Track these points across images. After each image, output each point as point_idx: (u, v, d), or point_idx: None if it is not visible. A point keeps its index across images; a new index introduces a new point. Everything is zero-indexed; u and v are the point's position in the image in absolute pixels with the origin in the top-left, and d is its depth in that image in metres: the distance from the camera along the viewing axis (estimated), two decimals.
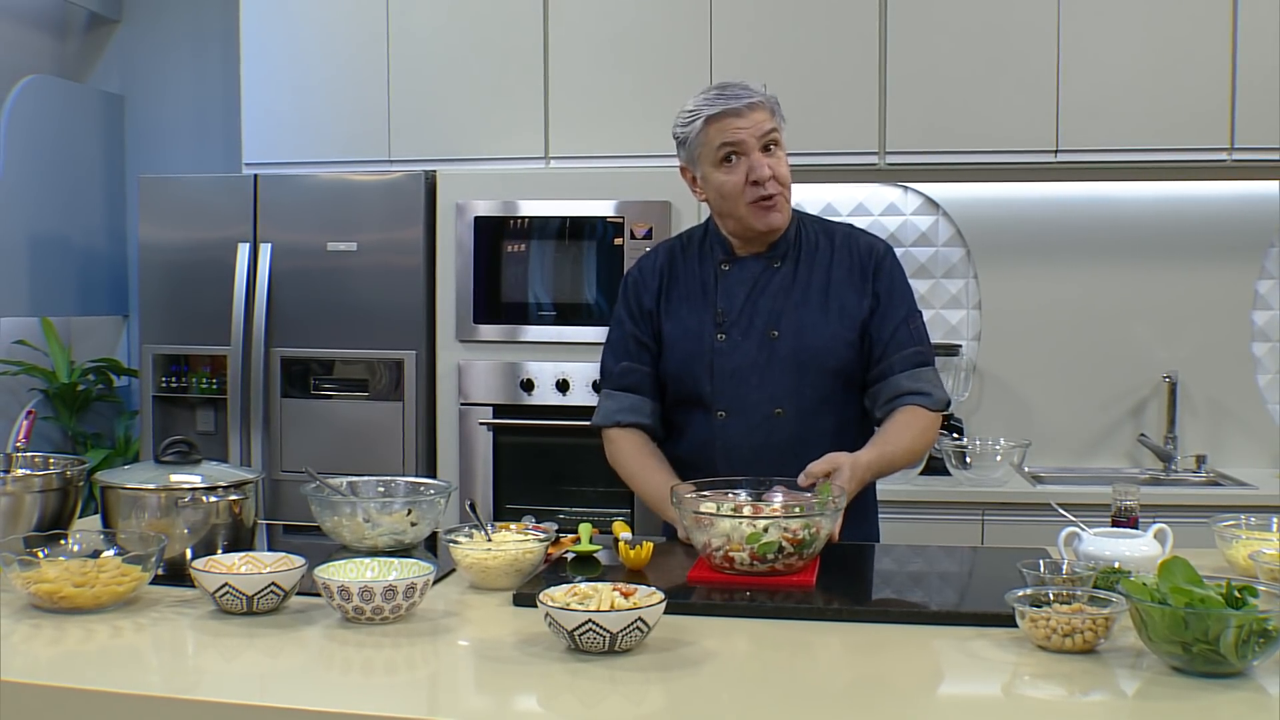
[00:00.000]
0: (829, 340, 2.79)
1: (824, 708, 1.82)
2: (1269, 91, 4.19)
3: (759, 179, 2.72)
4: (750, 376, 2.78)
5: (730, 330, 2.80)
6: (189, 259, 4.44)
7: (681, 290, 2.88)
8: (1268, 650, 1.88)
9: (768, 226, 2.78)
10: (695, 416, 2.85)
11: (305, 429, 4.40)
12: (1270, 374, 4.69)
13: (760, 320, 2.80)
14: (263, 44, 4.68)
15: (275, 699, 1.81)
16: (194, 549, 2.46)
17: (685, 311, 2.86)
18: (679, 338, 2.85)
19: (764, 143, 2.75)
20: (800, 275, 2.83)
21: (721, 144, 2.74)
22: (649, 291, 2.91)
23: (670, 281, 2.90)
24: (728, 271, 2.85)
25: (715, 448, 2.81)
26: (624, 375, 2.91)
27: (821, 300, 2.81)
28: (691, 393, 2.83)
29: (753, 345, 2.79)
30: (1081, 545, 2.50)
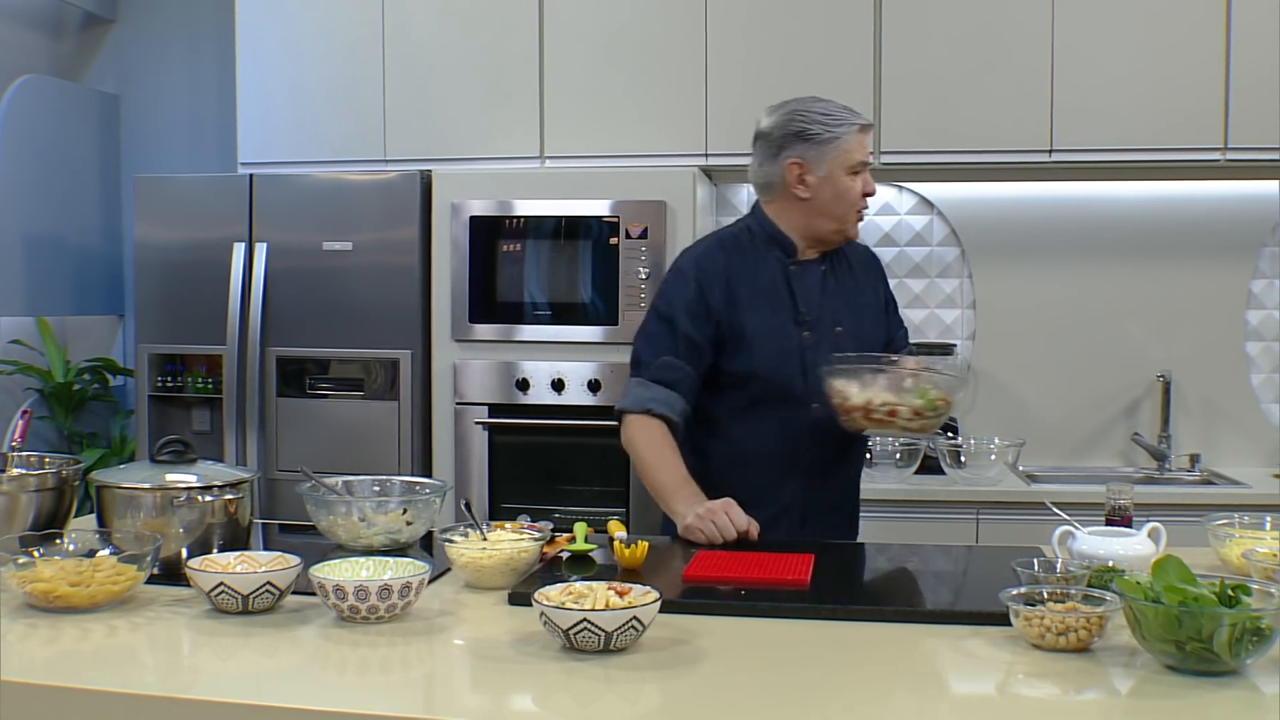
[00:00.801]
0: (872, 334, 3.04)
1: (818, 706, 1.83)
2: (1263, 91, 4.20)
3: (869, 193, 2.97)
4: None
5: (812, 329, 2.95)
6: (184, 258, 4.44)
7: (750, 289, 2.95)
8: (1261, 649, 1.88)
9: (855, 235, 3.04)
10: (784, 411, 2.92)
11: (301, 428, 4.40)
12: (1264, 373, 4.70)
13: (828, 319, 2.97)
14: (258, 43, 4.68)
15: (271, 698, 1.82)
16: (189, 548, 2.46)
17: (765, 310, 2.94)
18: (765, 336, 2.92)
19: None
20: (841, 279, 3.04)
21: (859, 157, 2.93)
22: (715, 293, 2.94)
23: (731, 277, 2.95)
24: (797, 273, 2.98)
25: (808, 438, 2.92)
26: (664, 369, 2.93)
27: (860, 300, 3.06)
28: (782, 388, 2.92)
29: (829, 342, 2.94)
30: (1075, 544, 2.51)
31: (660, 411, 2.91)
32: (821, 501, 3.00)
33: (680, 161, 4.35)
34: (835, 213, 2.94)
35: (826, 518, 3.01)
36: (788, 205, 2.98)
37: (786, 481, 2.96)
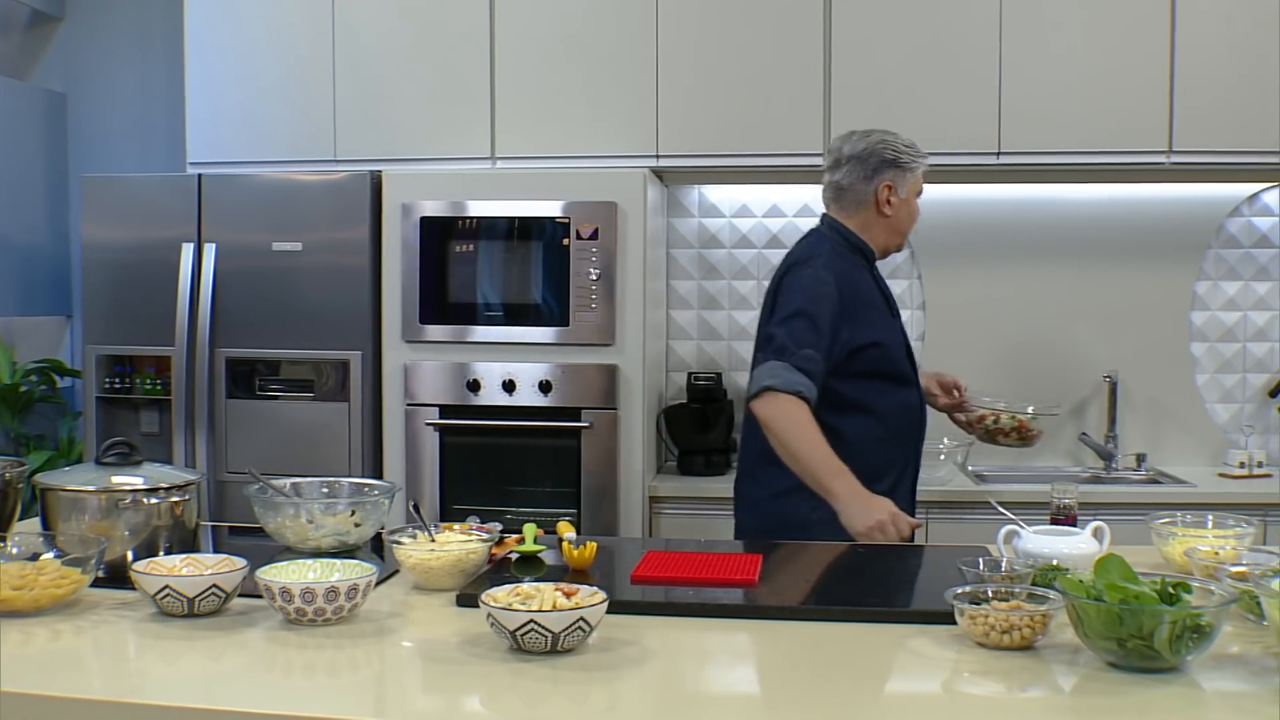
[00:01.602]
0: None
1: (765, 706, 1.84)
2: (1207, 96, 4.25)
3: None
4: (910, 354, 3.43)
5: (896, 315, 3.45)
6: (133, 259, 4.40)
7: (865, 295, 3.33)
8: (1201, 646, 1.91)
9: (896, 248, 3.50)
10: (903, 392, 3.35)
11: (251, 430, 4.38)
12: (1208, 374, 4.76)
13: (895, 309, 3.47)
14: (207, 42, 4.64)
15: (218, 702, 1.81)
16: (135, 551, 2.45)
17: (880, 307, 3.37)
18: (887, 329, 3.34)
19: None
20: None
21: (922, 186, 3.45)
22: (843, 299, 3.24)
23: (855, 287, 3.30)
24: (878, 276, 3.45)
25: (917, 416, 3.41)
26: (805, 360, 3.14)
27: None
28: (901, 374, 3.35)
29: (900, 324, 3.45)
30: (1021, 543, 2.53)
31: (807, 396, 3.11)
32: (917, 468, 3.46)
33: (631, 163, 4.35)
34: (904, 229, 3.43)
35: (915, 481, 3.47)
36: (871, 219, 3.38)
37: (907, 453, 3.38)
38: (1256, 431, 4.65)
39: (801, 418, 3.08)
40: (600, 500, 4.23)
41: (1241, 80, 4.25)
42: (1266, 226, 4.71)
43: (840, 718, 1.80)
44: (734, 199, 4.85)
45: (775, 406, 3.10)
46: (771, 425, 3.11)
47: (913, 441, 3.41)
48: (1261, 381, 4.75)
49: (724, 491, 4.24)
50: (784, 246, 4.81)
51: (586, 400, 4.22)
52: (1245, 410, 4.75)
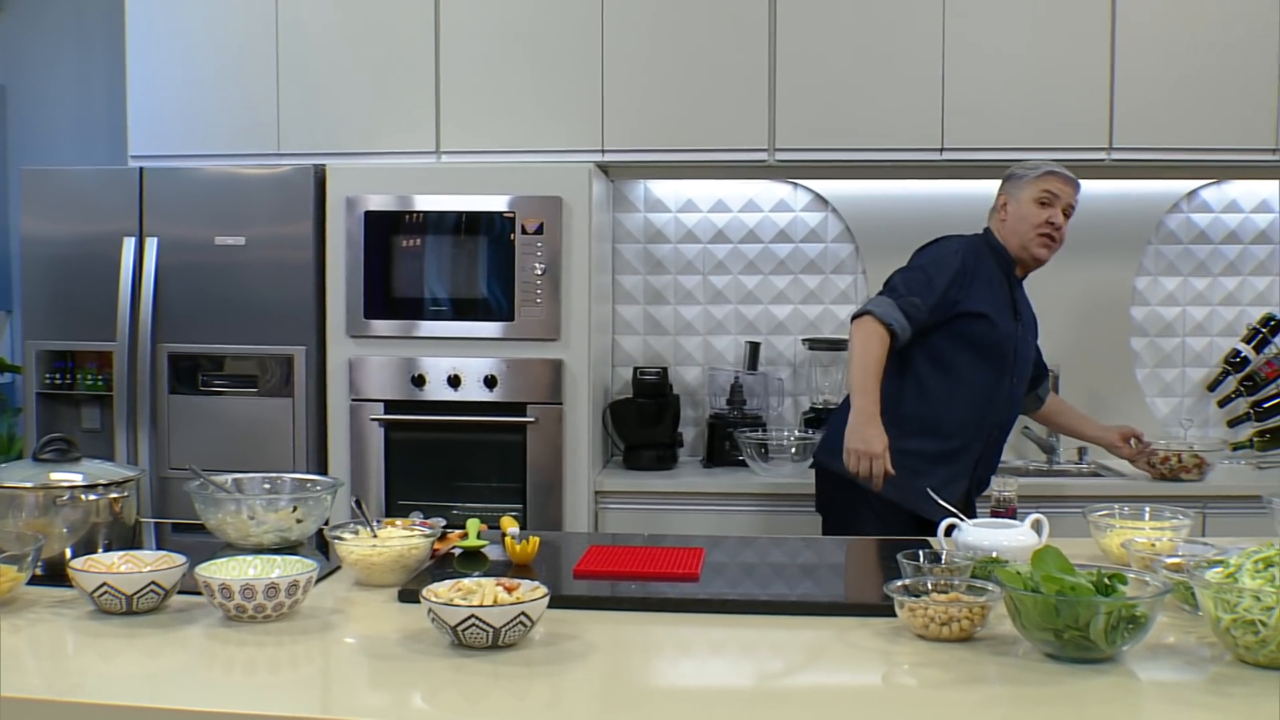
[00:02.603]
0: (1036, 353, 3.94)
1: (706, 699, 1.84)
2: (1146, 93, 4.30)
3: (1054, 222, 3.68)
4: (1024, 360, 3.77)
5: (1020, 326, 3.72)
6: (73, 253, 4.35)
7: (990, 284, 3.66)
8: (1137, 636, 1.93)
9: (1038, 257, 3.71)
10: (998, 377, 3.66)
11: (194, 426, 4.34)
12: (1148, 368, 4.81)
13: (1026, 324, 3.77)
14: (149, 34, 4.59)
15: (158, 700, 1.80)
16: (74, 548, 2.43)
17: (1001, 301, 3.67)
18: (1001, 320, 3.64)
19: (1066, 209, 3.71)
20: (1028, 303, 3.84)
21: (1045, 190, 3.68)
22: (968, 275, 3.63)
23: (981, 273, 3.66)
24: (1016, 285, 3.76)
25: (1003, 400, 3.70)
26: (910, 305, 3.56)
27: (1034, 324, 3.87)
28: (998, 358, 3.65)
29: (1026, 341, 3.76)
30: (961, 536, 2.55)
31: (889, 324, 3.52)
32: (987, 454, 3.72)
33: (577, 158, 4.35)
34: (1019, 230, 3.68)
35: (984, 470, 3.74)
36: (996, 225, 3.76)
37: (979, 429, 3.66)
38: (1195, 425, 4.71)
39: (875, 345, 3.51)
40: (546, 495, 4.22)
41: (1181, 79, 4.30)
42: (1205, 223, 4.77)
43: (780, 711, 1.81)
44: (679, 194, 4.85)
45: (867, 328, 3.53)
46: (854, 339, 3.55)
47: (988, 422, 3.67)
48: (1200, 376, 4.81)
49: (670, 486, 4.26)
50: (729, 241, 4.84)
51: (532, 395, 4.21)
52: (1185, 404, 4.81)
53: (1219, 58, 4.30)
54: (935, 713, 1.81)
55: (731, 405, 4.60)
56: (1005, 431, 3.81)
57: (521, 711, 1.81)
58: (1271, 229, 4.76)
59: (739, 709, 1.81)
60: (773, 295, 4.84)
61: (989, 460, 3.77)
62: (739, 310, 4.86)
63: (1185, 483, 4.20)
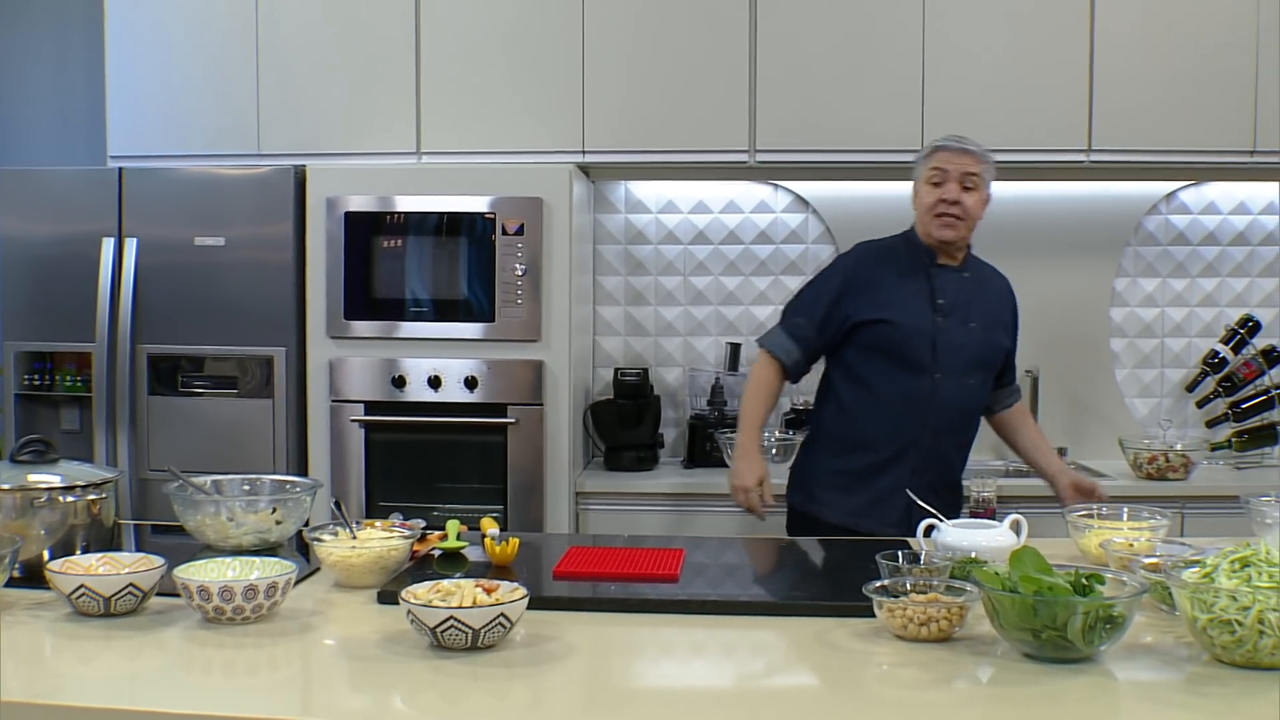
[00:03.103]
0: (998, 340, 3.65)
1: (686, 700, 1.85)
2: (1125, 95, 4.32)
3: (947, 198, 3.49)
4: (959, 352, 3.52)
5: (948, 317, 3.52)
6: (52, 253, 4.33)
7: (894, 284, 3.55)
8: (1115, 636, 1.94)
9: (940, 237, 3.52)
10: (909, 375, 3.50)
11: (174, 427, 4.32)
12: (1127, 369, 4.83)
13: (962, 313, 3.55)
14: (128, 34, 4.58)
15: (137, 702, 1.79)
16: (52, 550, 2.42)
17: (908, 297, 3.53)
18: (905, 319, 3.51)
19: (963, 180, 3.50)
20: (981, 290, 3.63)
21: (933, 168, 3.53)
22: (852, 283, 3.57)
23: (878, 276, 3.57)
24: (938, 275, 3.56)
25: (931, 401, 3.50)
26: (796, 326, 3.60)
27: (994, 311, 3.65)
28: (910, 359, 3.50)
29: (961, 331, 3.53)
30: (940, 536, 2.56)
31: (777, 354, 3.59)
32: (932, 460, 3.52)
33: (557, 158, 4.35)
34: (920, 216, 3.56)
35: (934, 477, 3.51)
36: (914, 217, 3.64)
37: (906, 436, 3.50)
38: (1174, 426, 4.73)
39: (759, 374, 3.61)
40: (527, 496, 4.22)
41: (1159, 81, 4.32)
42: (1184, 224, 4.79)
43: (760, 711, 1.81)
44: (660, 195, 4.86)
45: (758, 361, 3.64)
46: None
47: (919, 427, 3.51)
48: (1179, 376, 4.83)
49: (651, 487, 4.26)
50: (710, 242, 4.84)
51: (513, 396, 4.21)
52: (1164, 405, 4.83)
53: (1197, 60, 4.32)
54: (913, 713, 1.82)
55: (712, 406, 4.60)
56: (955, 432, 3.61)
57: (501, 713, 1.81)
58: (1249, 231, 4.79)
59: (718, 710, 1.81)
60: (753, 296, 4.85)
61: (942, 465, 3.59)
62: (720, 311, 4.86)
63: (1169, 482, 4.22)
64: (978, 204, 3.55)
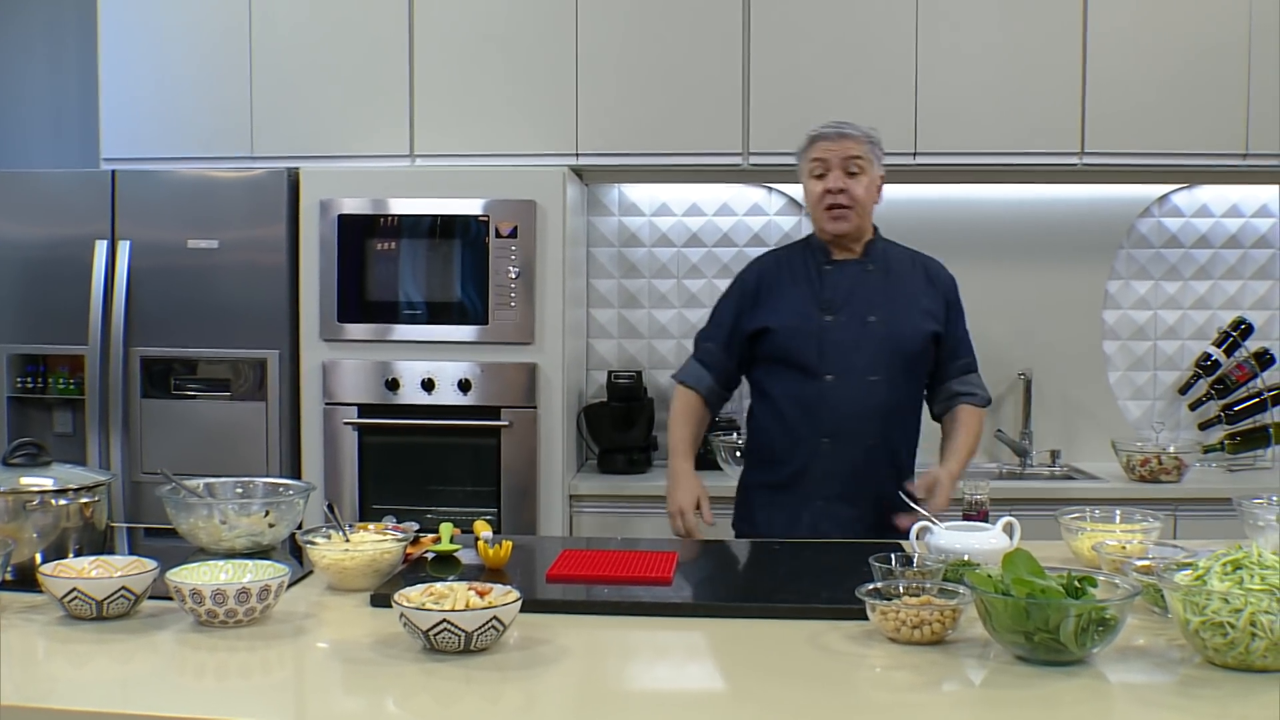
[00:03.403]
0: (912, 330, 3.39)
1: (678, 702, 1.85)
2: (1118, 99, 4.32)
3: (832, 189, 3.33)
4: (853, 349, 3.33)
5: (837, 313, 3.36)
6: (45, 256, 4.33)
7: (787, 287, 3.43)
8: (1107, 638, 1.94)
9: (833, 230, 3.37)
10: (799, 379, 3.36)
11: (167, 430, 4.32)
12: (1120, 371, 4.84)
13: (859, 308, 3.36)
14: (121, 36, 4.58)
15: (130, 706, 1.79)
16: (44, 553, 2.41)
17: (795, 299, 3.40)
18: (790, 319, 3.38)
19: (847, 166, 3.35)
20: (889, 280, 3.43)
21: (813, 159, 3.39)
22: (750, 294, 3.48)
23: (776, 283, 3.46)
24: (830, 271, 3.41)
25: (824, 405, 3.32)
26: (704, 352, 3.54)
27: (907, 301, 3.41)
28: (802, 361, 3.34)
29: (855, 326, 3.35)
30: (933, 539, 2.56)
31: (690, 384, 3.52)
32: (837, 468, 3.32)
33: (551, 161, 4.35)
34: (813, 213, 3.42)
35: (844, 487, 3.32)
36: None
37: (811, 443, 3.33)
38: (1167, 428, 4.74)
39: (677, 404, 3.53)
40: (520, 499, 4.22)
41: (1152, 84, 4.33)
42: (1176, 227, 4.80)
43: (752, 714, 1.81)
44: (654, 198, 4.86)
45: (674, 394, 3.56)
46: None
47: (810, 434, 3.33)
48: (1172, 379, 4.84)
49: (644, 490, 4.26)
50: (703, 245, 4.85)
51: (506, 399, 4.21)
52: (1156, 407, 4.83)
53: (1190, 64, 4.32)
54: (906, 716, 1.82)
55: None
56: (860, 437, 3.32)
57: (494, 716, 1.81)
58: (1242, 234, 4.79)
59: (711, 713, 1.82)
60: None
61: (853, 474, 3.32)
62: None
63: (1162, 484, 4.23)
64: (868, 189, 3.39)
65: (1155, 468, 4.28)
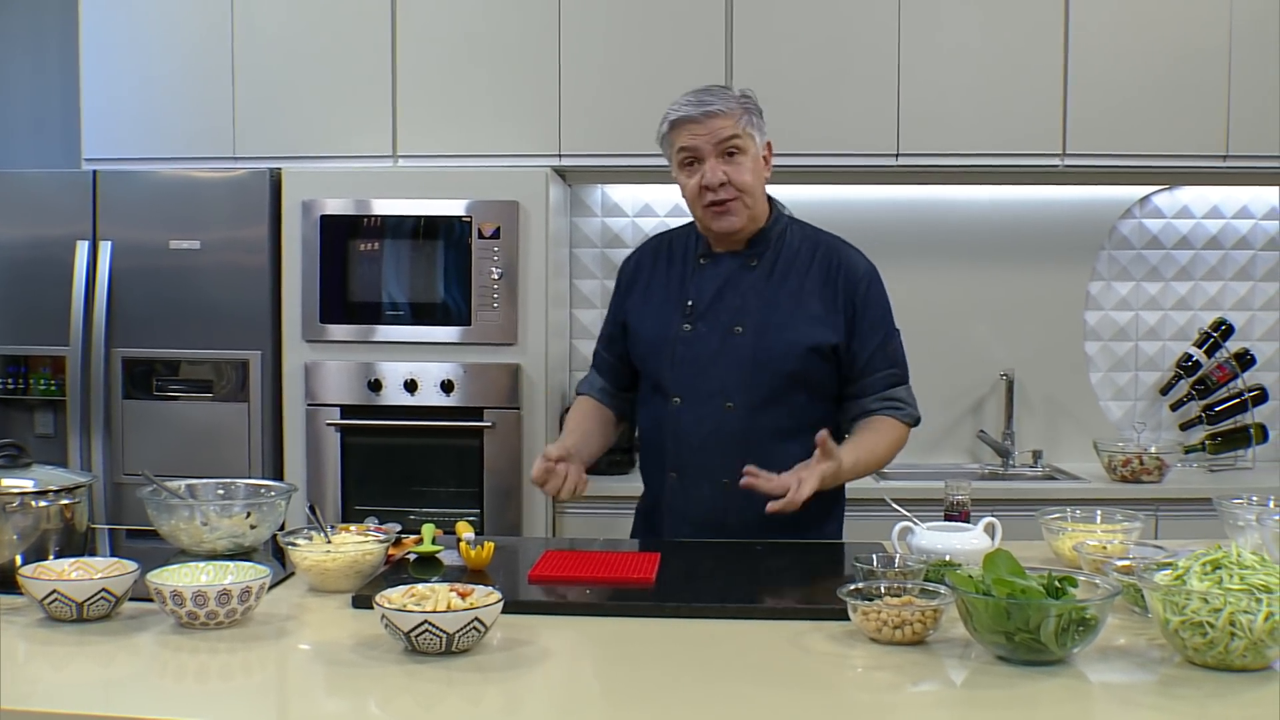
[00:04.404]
0: (789, 344, 2.83)
1: (659, 703, 1.84)
2: (1099, 101, 4.34)
3: (709, 184, 2.80)
4: (707, 368, 2.83)
5: (697, 322, 2.86)
6: (26, 256, 4.32)
7: (660, 282, 2.96)
8: (1087, 638, 1.95)
9: (720, 229, 2.85)
10: (656, 400, 2.92)
11: (149, 431, 4.31)
12: (1101, 372, 4.85)
13: (726, 315, 2.85)
14: (103, 36, 4.56)
15: (111, 708, 1.78)
16: (24, 555, 2.40)
17: (660, 301, 2.94)
18: (650, 325, 2.93)
19: (723, 149, 2.82)
20: (775, 277, 2.88)
21: (680, 149, 2.85)
22: (625, 284, 3.06)
23: (651, 274, 2.99)
24: (704, 266, 2.91)
25: (667, 431, 2.88)
26: (596, 356, 3.15)
27: (791, 304, 2.86)
28: (655, 378, 2.92)
29: (716, 338, 2.84)
30: (914, 539, 2.57)
31: (583, 391, 3.15)
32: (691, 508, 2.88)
33: (533, 162, 4.35)
34: (693, 211, 2.91)
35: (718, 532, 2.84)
36: None
37: (658, 472, 2.96)
38: (1149, 429, 4.75)
39: (572, 410, 3.15)
40: (504, 500, 4.22)
41: (1133, 86, 4.34)
42: (1157, 228, 4.82)
43: (734, 715, 1.81)
44: (637, 198, 4.86)
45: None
46: None
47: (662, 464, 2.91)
48: (1153, 379, 4.86)
49: (627, 490, 4.24)
50: None
51: (489, 400, 4.21)
52: (1138, 408, 4.85)
53: (1171, 66, 4.34)
54: (887, 716, 1.82)
55: None
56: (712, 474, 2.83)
57: (476, 717, 1.81)
58: (1223, 235, 4.82)
59: (692, 713, 1.81)
60: None
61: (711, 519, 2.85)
62: None
63: (1143, 485, 4.25)
64: (754, 170, 2.84)
65: (1137, 468, 4.29)
